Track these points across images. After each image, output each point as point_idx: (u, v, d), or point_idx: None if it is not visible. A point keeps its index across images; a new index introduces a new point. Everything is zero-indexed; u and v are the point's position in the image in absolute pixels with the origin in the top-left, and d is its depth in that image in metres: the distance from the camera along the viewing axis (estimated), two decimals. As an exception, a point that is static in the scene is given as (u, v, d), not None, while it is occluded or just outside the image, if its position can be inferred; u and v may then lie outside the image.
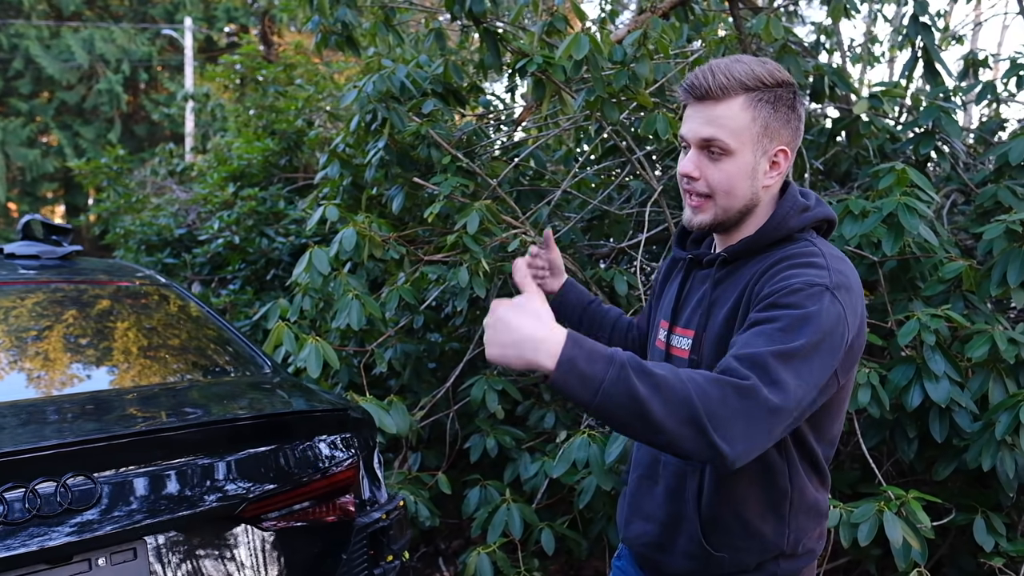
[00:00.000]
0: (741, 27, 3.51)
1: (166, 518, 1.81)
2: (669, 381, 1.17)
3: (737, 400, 1.18)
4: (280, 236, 6.10)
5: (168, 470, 1.87)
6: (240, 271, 6.24)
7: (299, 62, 7.42)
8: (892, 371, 2.71)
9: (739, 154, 1.42)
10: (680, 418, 1.16)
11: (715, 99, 1.41)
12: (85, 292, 2.72)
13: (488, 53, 3.46)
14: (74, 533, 1.68)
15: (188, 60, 18.26)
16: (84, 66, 18.78)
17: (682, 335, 1.56)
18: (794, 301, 1.31)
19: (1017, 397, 2.55)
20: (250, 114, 7.22)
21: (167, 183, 8.36)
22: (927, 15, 3.72)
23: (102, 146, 17.90)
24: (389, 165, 3.74)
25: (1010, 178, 3.31)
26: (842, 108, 3.91)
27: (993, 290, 2.76)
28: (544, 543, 3.08)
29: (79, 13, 19.17)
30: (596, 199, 3.61)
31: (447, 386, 3.59)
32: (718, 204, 1.46)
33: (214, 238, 6.47)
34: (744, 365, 1.23)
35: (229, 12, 19.25)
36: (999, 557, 2.62)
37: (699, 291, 1.56)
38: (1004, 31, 23.42)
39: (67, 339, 2.39)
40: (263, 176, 6.64)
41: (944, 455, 2.78)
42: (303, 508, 2.10)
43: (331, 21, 3.90)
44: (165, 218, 7.39)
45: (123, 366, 2.37)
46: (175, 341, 2.65)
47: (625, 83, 2.94)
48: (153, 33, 19.69)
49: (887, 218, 2.79)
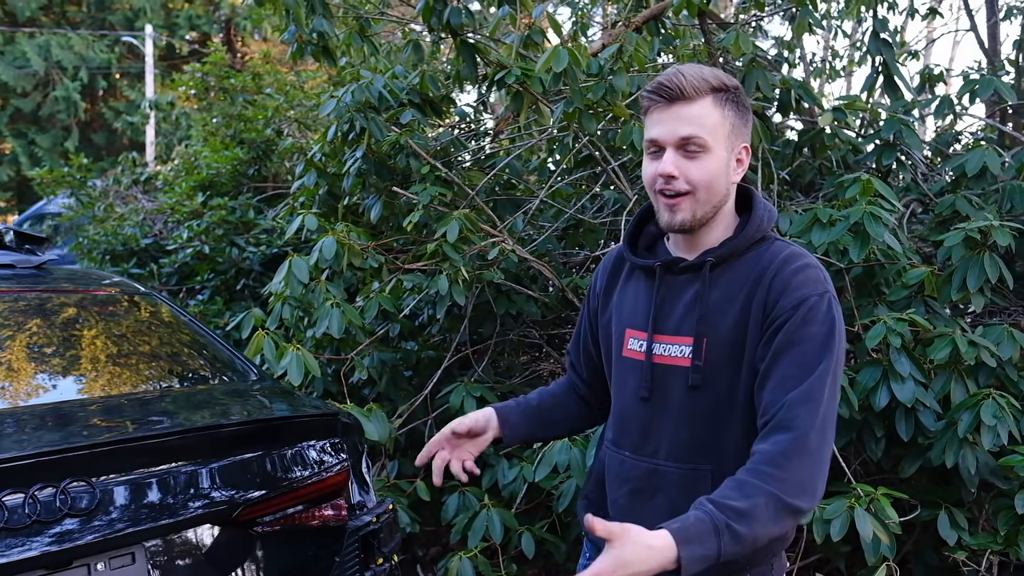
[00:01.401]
0: (711, 41, 3.62)
1: (164, 523, 1.83)
2: (759, 506, 1.32)
3: (807, 464, 1.37)
4: (250, 246, 6.08)
5: (165, 475, 1.89)
6: (209, 281, 6.19)
7: (267, 71, 7.40)
8: (860, 373, 2.82)
9: (715, 150, 1.49)
10: (782, 519, 1.35)
11: (688, 99, 1.46)
12: (70, 300, 2.71)
13: (464, 64, 3.52)
14: (73, 538, 1.70)
15: (149, 68, 18.01)
16: (40, 73, 18.42)
17: (673, 342, 1.55)
18: (815, 317, 1.44)
19: (977, 397, 2.68)
20: (216, 123, 7.17)
21: (132, 192, 8.25)
22: (887, 31, 3.87)
23: (59, 155, 17.59)
24: (367, 174, 3.78)
25: (967, 188, 3.47)
26: (807, 121, 4.04)
27: (954, 295, 2.90)
28: (524, 547, 3.11)
29: (34, 19, 18.81)
30: (571, 209, 3.69)
31: (425, 393, 3.63)
32: (698, 201, 1.50)
33: (183, 248, 6.41)
34: (794, 412, 1.38)
35: (191, 20, 19.05)
36: (962, 551, 2.74)
37: (684, 296, 1.55)
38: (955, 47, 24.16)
39: (59, 346, 2.40)
40: (232, 185, 6.60)
41: (910, 453, 2.89)
42: (297, 512, 2.13)
43: (307, 31, 3.94)
44: (130, 228, 7.29)
45: (119, 373, 2.38)
46: (167, 348, 2.67)
47: (603, 95, 3.02)
48: (112, 40, 19.37)
49: (853, 226, 2.91)
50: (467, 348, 3.74)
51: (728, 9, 5.66)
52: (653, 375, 1.57)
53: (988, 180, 3.44)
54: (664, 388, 1.56)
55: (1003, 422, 2.62)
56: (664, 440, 1.56)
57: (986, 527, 2.90)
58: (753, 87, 3.48)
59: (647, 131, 1.53)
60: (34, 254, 3.18)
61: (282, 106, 6.59)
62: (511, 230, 3.69)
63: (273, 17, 5.32)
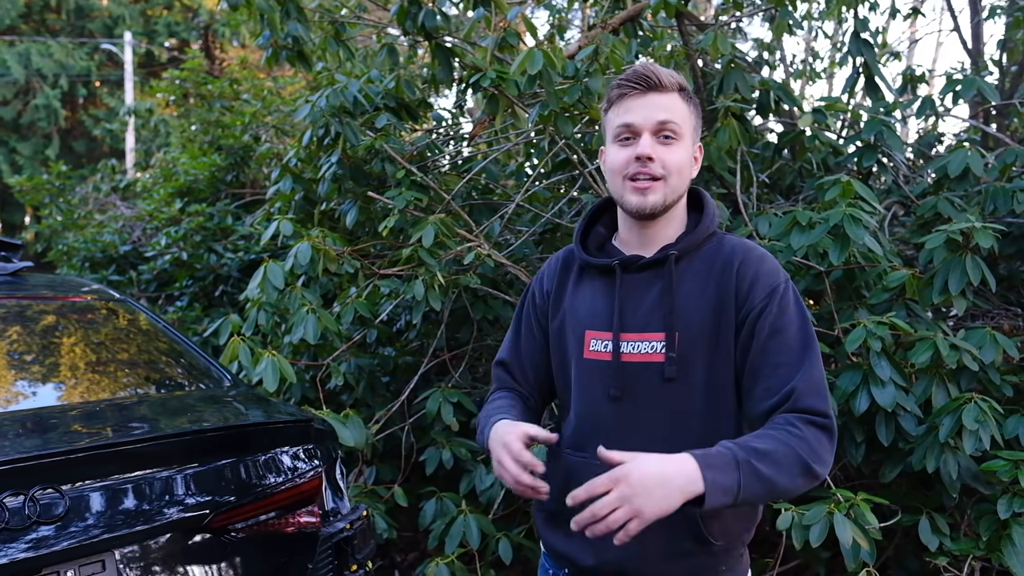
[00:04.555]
0: (689, 43, 3.59)
1: (134, 530, 1.83)
2: (780, 452, 1.36)
3: (824, 437, 1.43)
4: (229, 252, 6.02)
5: (135, 482, 1.89)
6: (188, 287, 6.15)
7: (245, 77, 7.35)
8: (840, 377, 2.78)
9: (684, 140, 1.55)
10: (798, 475, 1.37)
11: (663, 89, 1.52)
12: (43, 308, 2.69)
13: (440, 68, 3.48)
14: (42, 546, 1.70)
15: (128, 75, 17.90)
16: (20, 81, 18.28)
17: (642, 339, 1.54)
18: (788, 304, 1.51)
19: (959, 401, 2.64)
20: (194, 129, 7.13)
21: (111, 199, 8.19)
22: (868, 32, 3.85)
23: (40, 162, 17.46)
24: (342, 179, 3.73)
25: (949, 190, 3.44)
26: (786, 123, 4.02)
27: (935, 297, 2.86)
28: (501, 553, 3.10)
29: (14, 27, 18.67)
30: (548, 213, 3.65)
31: (402, 399, 3.58)
32: (669, 185, 1.53)
33: (161, 254, 6.37)
34: (811, 400, 1.44)
35: (170, 27, 18.96)
36: (943, 556, 2.70)
37: (648, 292, 1.55)
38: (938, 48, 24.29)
39: (28, 354, 2.37)
40: (210, 192, 6.56)
41: (890, 458, 2.85)
42: (269, 519, 2.12)
43: (282, 36, 3.89)
44: (110, 235, 7.24)
45: (89, 380, 2.37)
46: (139, 355, 2.65)
47: (578, 97, 2.99)
48: (92, 48, 19.24)
49: (833, 229, 2.87)
50: (444, 354, 3.69)
51: (708, 11, 5.65)
52: (623, 374, 1.55)
53: (971, 182, 3.41)
54: (635, 386, 1.55)
55: (985, 426, 2.58)
56: (639, 436, 1.54)
57: (968, 532, 2.86)
58: (732, 88, 3.45)
59: (619, 117, 1.55)
60: (9, 261, 3.14)
61: (259, 112, 6.54)
62: (488, 235, 3.65)
63: (250, 23, 5.26)
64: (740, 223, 3.35)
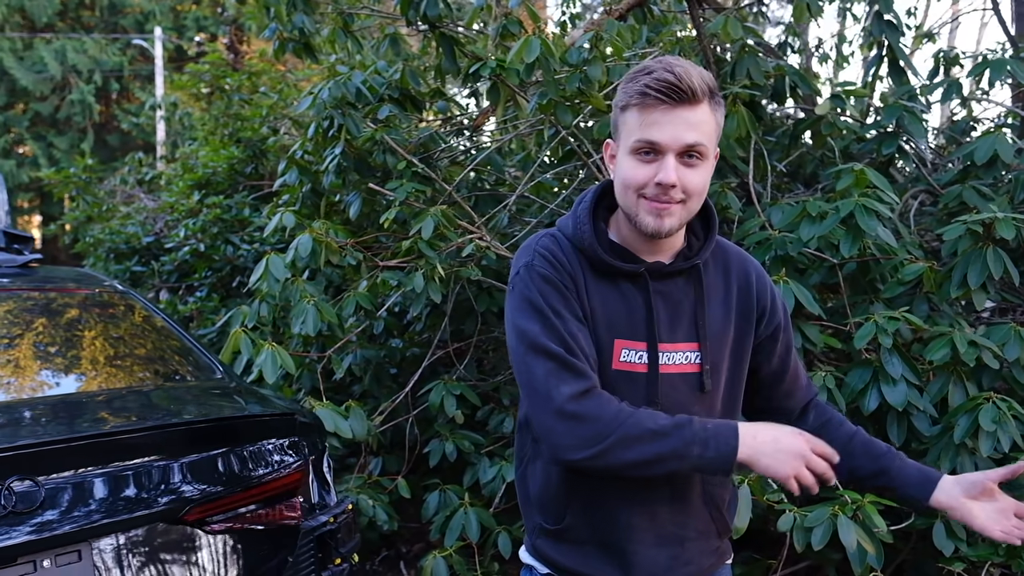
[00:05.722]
0: (701, 28, 3.47)
1: (111, 521, 1.85)
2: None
3: None
4: (245, 243, 6.04)
5: (113, 473, 1.90)
6: (206, 278, 6.19)
7: (264, 69, 7.36)
8: (849, 374, 2.67)
9: (709, 158, 1.41)
10: None
11: (695, 103, 1.36)
12: (39, 300, 2.71)
13: (445, 58, 3.42)
14: (18, 535, 1.72)
15: (158, 70, 18.11)
16: (57, 77, 18.61)
17: (676, 350, 1.47)
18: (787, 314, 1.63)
19: (976, 400, 2.52)
20: (216, 122, 7.16)
21: (136, 192, 8.28)
22: (892, 12, 3.68)
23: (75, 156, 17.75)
24: (346, 171, 3.69)
25: (976, 178, 3.28)
26: (807, 109, 3.88)
27: (954, 291, 2.73)
28: (501, 546, 3.08)
29: (52, 25, 18.99)
30: (555, 202, 3.56)
31: (406, 391, 3.54)
32: (688, 209, 1.41)
33: (180, 246, 6.41)
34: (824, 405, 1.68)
35: (199, 21, 19.17)
36: (959, 562, 2.58)
37: (679, 301, 1.48)
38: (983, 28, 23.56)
39: (15, 345, 2.38)
40: (228, 184, 6.58)
41: (904, 459, 2.73)
42: (248, 511, 2.11)
43: (288, 28, 3.86)
44: (133, 226, 7.31)
45: (71, 372, 2.39)
46: (130, 347, 2.65)
47: (578, 86, 2.89)
48: (124, 43, 19.53)
49: (845, 220, 2.75)
50: (449, 346, 3.64)
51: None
52: (662, 385, 1.46)
53: (999, 168, 3.24)
54: (671, 395, 1.47)
55: (1004, 427, 2.46)
56: None
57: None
58: (744, 74, 3.33)
59: (643, 130, 1.37)
60: (20, 253, 3.18)
61: (276, 104, 6.54)
62: (495, 226, 3.59)
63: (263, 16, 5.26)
64: (753, 213, 3.24)
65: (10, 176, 18.16)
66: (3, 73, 18.51)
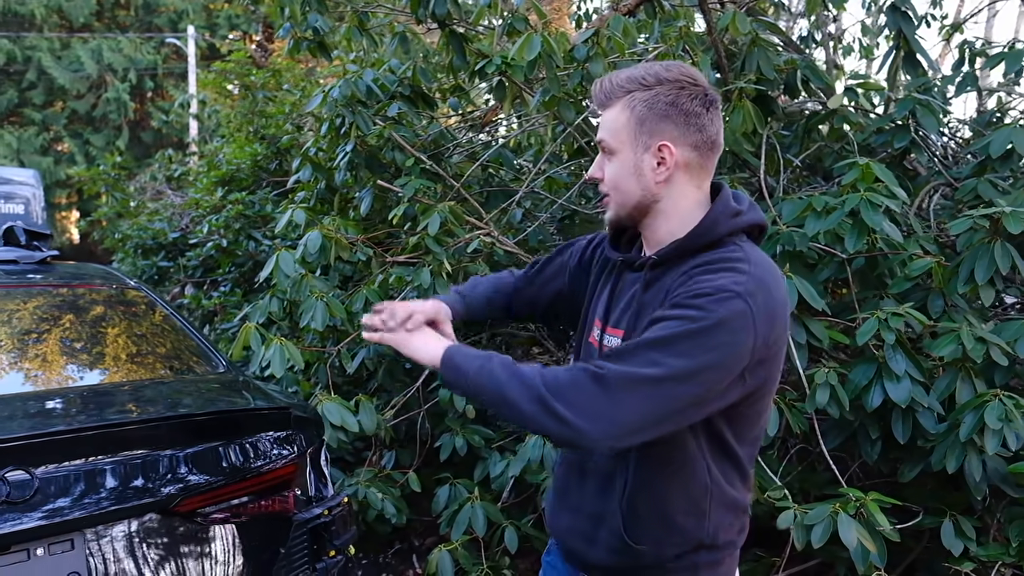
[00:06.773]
0: (711, 23, 3.45)
1: (103, 511, 1.89)
2: (527, 372, 1.38)
3: (589, 382, 1.33)
4: (267, 239, 6.10)
5: (106, 465, 1.94)
6: (230, 273, 6.26)
7: (288, 67, 7.42)
8: (852, 371, 2.64)
9: (620, 152, 1.51)
10: (528, 397, 1.36)
11: (606, 105, 1.53)
12: (48, 294, 2.77)
13: (455, 55, 3.43)
14: (11, 524, 1.76)
15: (191, 68, 18.39)
16: (93, 76, 18.93)
17: (613, 335, 1.60)
18: (697, 303, 1.35)
19: (983, 397, 2.48)
20: (241, 119, 7.25)
21: (164, 188, 8.40)
22: (907, 3, 3.62)
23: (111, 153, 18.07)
24: (357, 168, 3.73)
25: (992, 171, 3.22)
26: (820, 102, 3.83)
27: (961, 287, 2.68)
28: (507, 541, 3.09)
29: (88, 25, 19.33)
30: (565, 197, 3.56)
31: (416, 386, 3.57)
32: (614, 201, 1.55)
33: (204, 241, 6.49)
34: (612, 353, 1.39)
35: (231, 19, 19.40)
36: (969, 562, 2.54)
37: (628, 293, 1.59)
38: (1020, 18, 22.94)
39: (17, 338, 2.44)
40: (252, 180, 6.65)
41: (910, 457, 2.70)
42: (241, 503, 2.14)
43: (303, 27, 3.90)
44: (160, 222, 7.42)
45: (71, 364, 2.43)
46: (133, 340, 2.70)
47: (579, 82, 2.89)
48: (158, 42, 19.82)
49: (851, 214, 2.72)
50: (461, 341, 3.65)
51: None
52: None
53: (1015, 161, 3.18)
54: None
55: (1011, 425, 2.41)
56: None
57: (998, 537, 2.69)
58: (754, 68, 3.30)
59: None
60: (39, 250, 3.27)
61: (299, 101, 6.60)
62: (508, 222, 3.59)
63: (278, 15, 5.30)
64: (763, 208, 3.22)
65: (48, 173, 18.52)
66: (41, 72, 18.87)
